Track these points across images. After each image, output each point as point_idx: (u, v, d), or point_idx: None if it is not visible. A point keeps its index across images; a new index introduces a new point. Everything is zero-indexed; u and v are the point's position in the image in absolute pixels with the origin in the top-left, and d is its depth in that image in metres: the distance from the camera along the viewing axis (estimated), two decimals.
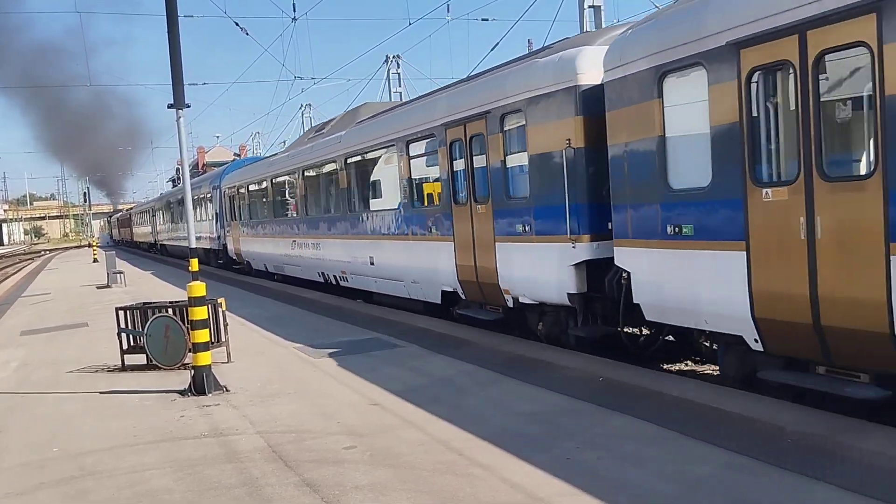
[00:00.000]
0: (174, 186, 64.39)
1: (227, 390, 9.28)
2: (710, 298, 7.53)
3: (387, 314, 14.65)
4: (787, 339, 6.91)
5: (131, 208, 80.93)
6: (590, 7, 16.61)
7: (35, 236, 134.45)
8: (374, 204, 16.26)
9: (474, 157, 11.68)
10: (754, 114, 6.95)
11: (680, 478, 5.46)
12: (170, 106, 9.59)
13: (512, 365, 9.43)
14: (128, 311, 11.35)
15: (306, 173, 20.24)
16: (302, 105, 47.20)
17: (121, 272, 27.07)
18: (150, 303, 11.93)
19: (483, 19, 51.51)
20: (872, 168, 6.01)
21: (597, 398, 7.64)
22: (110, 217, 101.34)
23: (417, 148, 13.65)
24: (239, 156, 64.74)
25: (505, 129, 10.89)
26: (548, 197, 10.02)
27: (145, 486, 6.21)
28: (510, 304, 11.06)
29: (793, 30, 6.45)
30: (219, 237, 30.76)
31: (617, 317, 9.14)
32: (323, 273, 19.56)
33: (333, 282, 18.87)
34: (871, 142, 6.07)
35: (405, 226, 14.26)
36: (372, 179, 16.66)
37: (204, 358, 9.24)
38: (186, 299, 9.55)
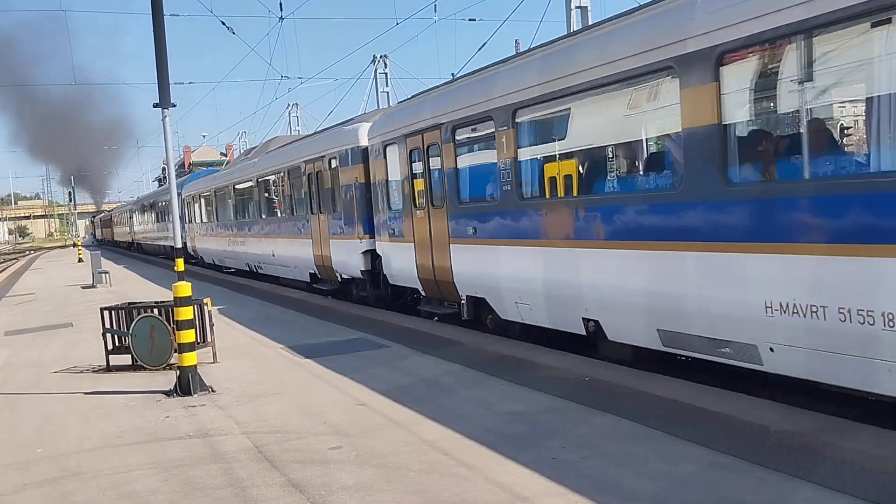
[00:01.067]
0: (160, 186, 64.86)
1: (212, 391, 9.25)
2: (405, 269, 13.72)
3: (372, 314, 14.66)
4: (428, 288, 13.15)
5: (112, 209, 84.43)
6: (577, 7, 16.68)
7: (20, 236, 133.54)
8: (272, 212, 22.77)
9: (320, 184, 17.98)
10: (419, 171, 13.01)
11: (664, 477, 5.48)
12: (155, 105, 9.53)
13: (497, 365, 9.45)
14: (113, 312, 11.29)
15: (236, 187, 26.40)
16: (289, 105, 47.03)
17: (106, 272, 26.93)
18: (136, 303, 11.88)
19: (470, 19, 51.61)
20: (443, 203, 12.17)
21: (582, 398, 7.67)
22: (94, 217, 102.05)
23: (293, 175, 20.09)
24: (225, 155, 64.75)
25: (331, 168, 17.18)
26: (348, 212, 16.16)
27: (130, 487, 6.18)
28: (339, 279, 17.34)
29: (406, 135, 13.28)
30: (192, 238, 36.47)
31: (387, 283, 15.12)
32: (248, 263, 25.85)
33: (255, 270, 25.12)
34: (439, 189, 12.38)
35: (287, 229, 20.75)
36: (272, 195, 23.07)
37: (189, 358, 9.21)
38: (172, 299, 9.51)
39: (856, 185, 6.06)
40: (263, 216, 23.07)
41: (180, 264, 9.78)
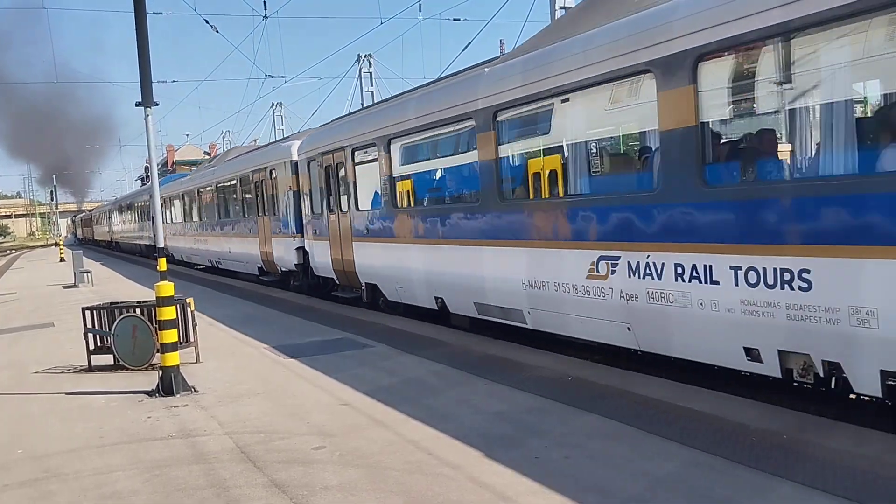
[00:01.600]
0: (143, 185, 65.25)
1: (195, 391, 9.21)
2: (325, 262, 16.66)
3: (357, 314, 14.64)
4: (340, 276, 16.07)
5: (93, 209, 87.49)
6: (561, 8, 16.71)
7: (1, 235, 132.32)
8: (227, 215, 25.88)
9: (264, 190, 21.00)
10: (332, 182, 15.97)
11: (646, 475, 5.52)
12: (138, 104, 9.48)
13: (482, 365, 9.47)
14: (95, 311, 11.21)
15: (200, 192, 29.75)
16: (273, 104, 46.95)
17: (88, 271, 26.76)
18: (118, 303, 11.79)
19: (455, 19, 51.59)
20: (348, 208, 15.13)
21: (565, 397, 7.70)
22: (74, 217, 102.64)
23: (244, 182, 23.25)
24: (209, 154, 64.73)
25: (273, 177, 20.14)
26: (286, 215, 19.21)
27: (111, 487, 6.15)
28: (280, 272, 20.62)
29: (322, 153, 16.50)
30: (141, 236, 43.43)
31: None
32: (210, 259, 29.01)
33: (216, 265, 28.26)
34: (344, 198, 15.43)
35: (240, 229, 23.91)
36: (226, 199, 26.11)
37: (172, 358, 9.17)
38: (154, 299, 9.46)
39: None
40: (220, 218, 26.65)
41: (163, 264, 9.72)
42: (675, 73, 7.28)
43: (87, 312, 11.15)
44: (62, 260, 44.20)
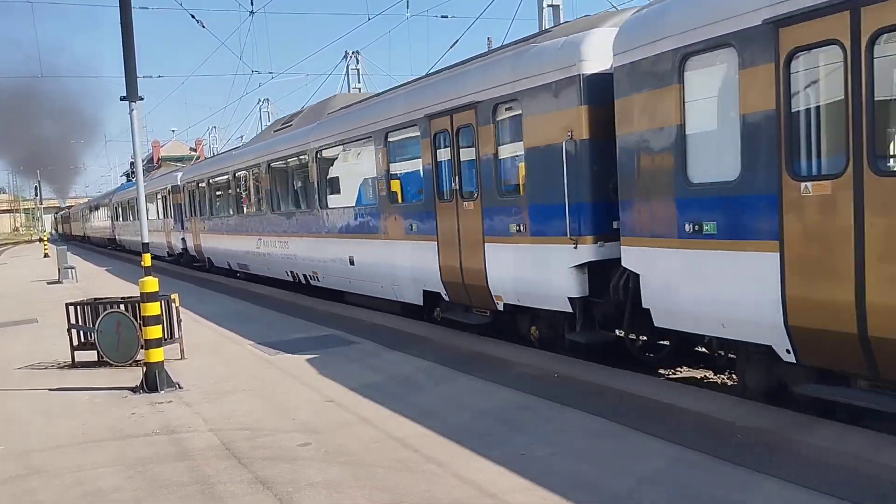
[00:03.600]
0: (128, 181, 65.75)
1: (180, 387, 9.15)
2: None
3: (344, 311, 14.60)
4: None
5: (71, 206, 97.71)
6: (549, 6, 16.71)
7: None
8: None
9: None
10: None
11: (631, 472, 5.52)
12: (122, 98, 9.40)
13: (468, 362, 9.46)
14: (78, 307, 11.12)
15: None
16: (259, 100, 46.66)
17: (72, 267, 26.55)
18: (102, 298, 11.71)
19: (442, 16, 51.63)
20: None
21: (551, 394, 7.70)
22: (56, 213, 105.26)
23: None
24: (195, 150, 64.71)
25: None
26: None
27: (94, 484, 6.10)
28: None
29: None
30: (112, 230, 50.58)
31: None
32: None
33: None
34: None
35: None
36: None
37: (156, 354, 9.10)
38: (139, 295, 9.40)
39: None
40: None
41: (147, 259, 9.66)
42: None
43: (71, 308, 11.06)
44: (46, 256, 43.86)
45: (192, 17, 23.05)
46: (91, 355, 10.78)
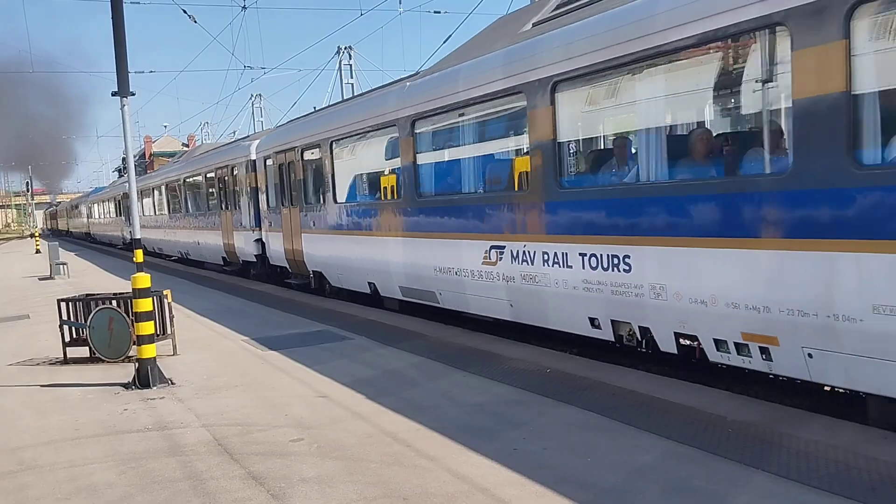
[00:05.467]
0: (119, 177, 66.89)
1: (172, 383, 9.14)
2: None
3: (337, 307, 14.60)
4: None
5: (58, 206, 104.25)
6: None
7: None
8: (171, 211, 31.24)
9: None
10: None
11: (623, 467, 5.55)
12: (114, 93, 9.37)
13: (461, 357, 9.47)
14: (70, 303, 11.10)
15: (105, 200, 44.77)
16: (252, 95, 46.76)
17: (64, 263, 26.43)
18: (94, 294, 11.68)
19: (435, 12, 51.30)
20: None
21: (544, 389, 7.72)
22: (46, 210, 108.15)
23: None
24: (187, 146, 64.77)
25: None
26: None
27: (86, 480, 6.09)
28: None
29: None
30: (88, 226, 60.06)
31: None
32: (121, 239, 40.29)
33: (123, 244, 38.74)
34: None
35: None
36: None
37: (149, 350, 9.09)
38: (131, 291, 9.38)
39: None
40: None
41: (139, 255, 9.64)
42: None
43: (63, 304, 11.03)
44: (38, 252, 43.70)
45: (184, 11, 22.99)
46: (83, 351, 10.76)
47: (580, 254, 8.38)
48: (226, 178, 22.07)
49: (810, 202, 5.95)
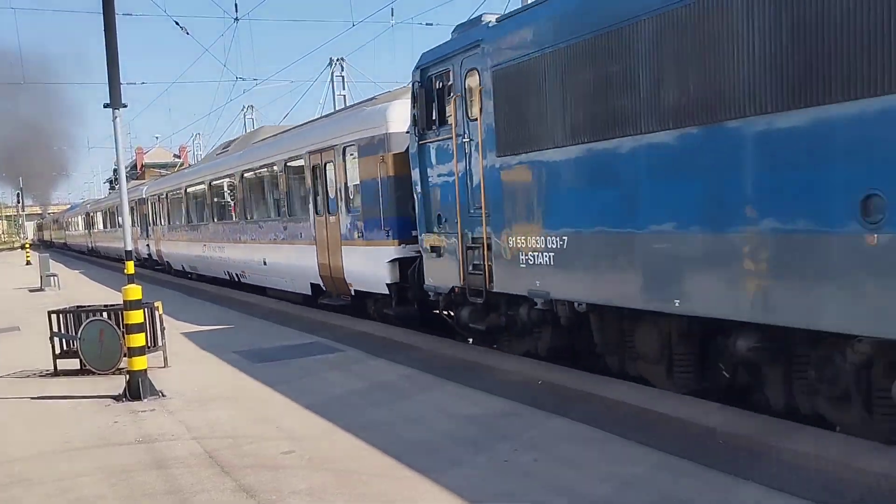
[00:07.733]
0: (111, 188, 68.38)
1: (163, 395, 9.12)
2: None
3: (328, 318, 14.58)
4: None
5: (45, 219, 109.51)
6: None
7: None
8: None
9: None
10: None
11: (614, 478, 5.56)
12: (106, 105, 9.38)
13: (452, 369, 9.48)
14: (61, 315, 11.07)
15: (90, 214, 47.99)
16: (244, 106, 46.58)
17: (55, 275, 26.36)
18: (85, 306, 11.65)
19: (427, 24, 51.57)
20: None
21: (535, 401, 7.73)
22: (35, 221, 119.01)
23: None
24: (179, 157, 64.89)
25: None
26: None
27: (76, 493, 6.07)
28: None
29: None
30: (64, 238, 68.84)
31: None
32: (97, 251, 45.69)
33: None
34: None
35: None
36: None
37: (139, 363, 9.07)
38: (122, 303, 9.36)
39: None
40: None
41: (130, 267, 9.62)
42: None
43: (54, 316, 11.00)
44: (28, 263, 43.53)
45: (177, 23, 23.01)
46: (74, 363, 10.72)
47: None
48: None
49: None
